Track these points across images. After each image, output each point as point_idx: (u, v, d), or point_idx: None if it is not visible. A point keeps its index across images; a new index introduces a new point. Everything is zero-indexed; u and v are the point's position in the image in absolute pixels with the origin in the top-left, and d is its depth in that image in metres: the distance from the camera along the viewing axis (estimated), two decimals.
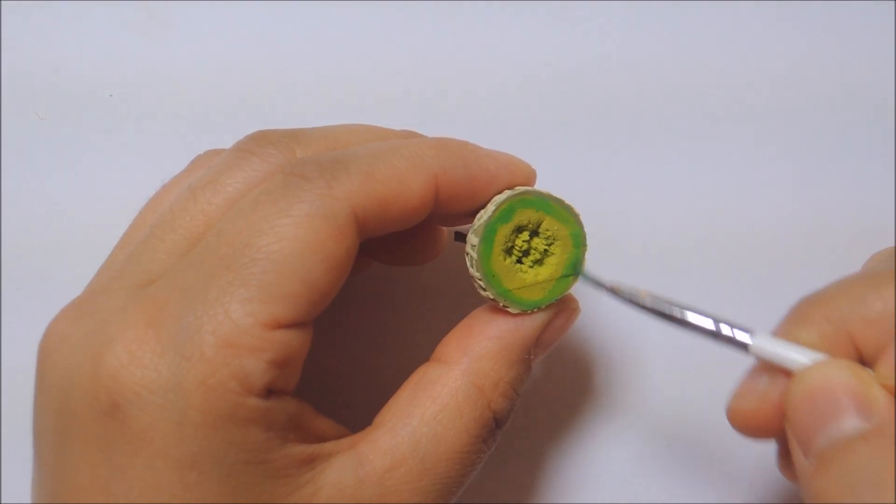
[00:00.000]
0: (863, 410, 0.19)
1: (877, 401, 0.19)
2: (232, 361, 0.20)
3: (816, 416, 0.20)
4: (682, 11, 0.32)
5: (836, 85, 0.32)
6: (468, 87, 0.32)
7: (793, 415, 0.20)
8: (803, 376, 0.21)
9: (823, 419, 0.20)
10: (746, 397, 0.22)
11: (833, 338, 0.21)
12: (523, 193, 0.24)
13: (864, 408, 0.19)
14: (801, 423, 0.20)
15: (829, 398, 0.20)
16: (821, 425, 0.20)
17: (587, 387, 0.31)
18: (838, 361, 0.20)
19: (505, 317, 0.24)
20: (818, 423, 0.20)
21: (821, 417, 0.20)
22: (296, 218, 0.21)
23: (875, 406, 0.19)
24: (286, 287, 0.20)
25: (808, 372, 0.21)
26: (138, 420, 0.20)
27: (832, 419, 0.19)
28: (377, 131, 0.26)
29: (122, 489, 0.20)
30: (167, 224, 0.23)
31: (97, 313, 0.21)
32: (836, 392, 0.20)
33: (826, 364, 0.20)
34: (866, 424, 0.19)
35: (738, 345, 0.22)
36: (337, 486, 0.21)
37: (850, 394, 0.20)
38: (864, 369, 0.20)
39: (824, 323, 0.21)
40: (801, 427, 0.20)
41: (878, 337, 0.21)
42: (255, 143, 0.24)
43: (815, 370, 0.20)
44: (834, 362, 0.20)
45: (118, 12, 0.32)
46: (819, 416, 0.20)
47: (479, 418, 0.23)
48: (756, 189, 0.32)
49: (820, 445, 0.20)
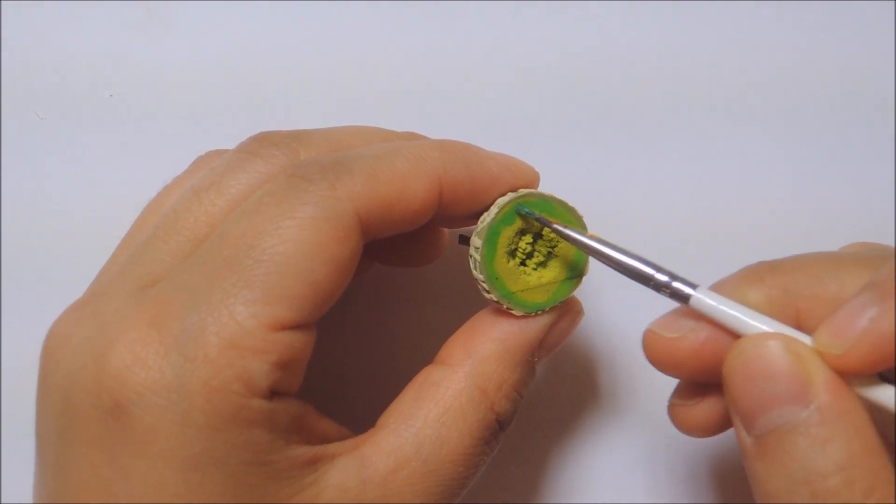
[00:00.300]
0: (801, 394, 0.19)
1: (815, 383, 0.19)
2: (236, 363, 0.20)
3: (756, 398, 0.20)
4: (683, 10, 0.33)
5: (837, 82, 0.32)
6: (469, 85, 0.32)
7: (732, 389, 0.20)
8: (742, 349, 0.20)
9: (763, 403, 0.20)
10: (668, 326, 0.22)
11: (781, 306, 0.22)
12: (526, 195, 0.24)
13: (802, 391, 0.19)
14: (741, 401, 0.20)
15: (770, 380, 0.20)
16: (761, 409, 0.20)
17: (589, 388, 0.31)
18: (777, 335, 0.20)
19: (509, 319, 0.24)
20: (758, 406, 0.20)
21: (760, 401, 0.20)
22: (299, 220, 0.21)
23: (814, 389, 0.19)
24: (290, 289, 0.20)
25: (748, 345, 0.20)
26: (141, 421, 0.20)
27: (772, 405, 0.19)
28: (380, 133, 0.26)
29: (124, 490, 0.20)
30: (170, 225, 0.23)
31: (100, 314, 0.21)
32: (775, 374, 0.20)
33: (765, 338, 0.20)
34: (804, 412, 0.19)
35: (679, 297, 0.22)
36: (340, 488, 0.21)
37: (790, 376, 0.20)
38: (803, 342, 0.20)
39: (776, 289, 0.22)
40: (741, 405, 0.20)
41: (824, 316, 0.21)
42: (258, 144, 0.24)
43: (754, 344, 0.20)
44: (773, 336, 0.20)
45: (118, 12, 0.32)
46: (758, 399, 0.20)
47: (482, 420, 0.23)
48: (757, 185, 0.32)
49: (760, 429, 0.20)
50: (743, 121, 0.32)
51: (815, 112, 0.32)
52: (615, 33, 0.32)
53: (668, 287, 0.22)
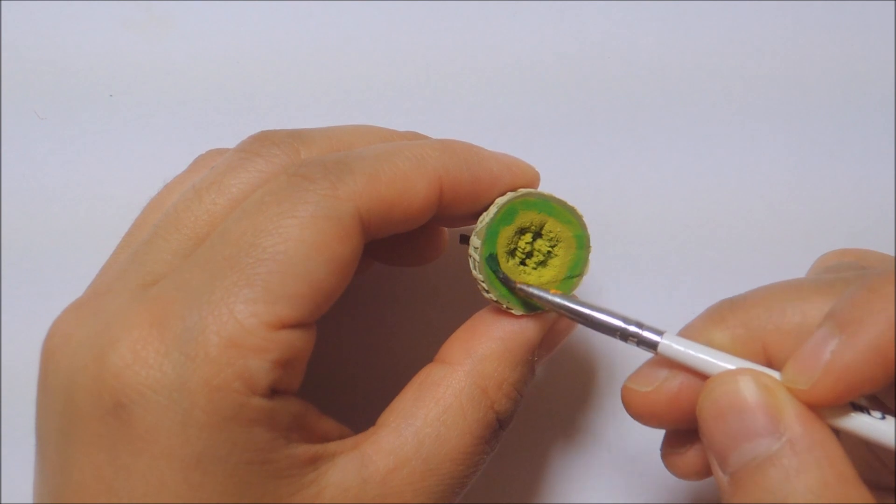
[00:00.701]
0: (772, 428, 0.19)
1: (785, 414, 0.19)
2: (236, 362, 0.20)
3: (728, 434, 0.20)
4: (683, 6, 0.33)
5: (836, 77, 0.32)
6: (469, 84, 0.32)
7: (705, 428, 0.20)
8: (712, 388, 0.21)
9: (735, 439, 0.20)
10: (643, 381, 0.23)
11: (746, 343, 0.22)
12: (525, 195, 0.24)
13: (773, 424, 0.19)
14: (714, 440, 0.20)
15: (738, 415, 0.20)
16: (733, 445, 0.20)
17: (588, 388, 0.31)
18: (745, 371, 0.20)
19: (509, 318, 0.24)
20: (730, 442, 0.20)
21: (732, 437, 0.20)
22: (300, 219, 0.21)
23: (784, 421, 0.19)
24: (291, 288, 0.20)
25: (717, 383, 0.21)
26: (142, 420, 0.20)
27: (743, 439, 0.20)
28: (381, 132, 0.26)
29: (126, 489, 0.20)
30: (171, 224, 0.23)
31: (101, 313, 0.21)
32: (745, 409, 0.20)
33: (734, 375, 0.20)
34: (776, 444, 0.19)
35: (648, 345, 0.22)
36: (340, 487, 0.21)
37: (758, 409, 0.20)
38: (771, 377, 0.20)
39: (740, 327, 0.22)
40: (715, 443, 0.20)
41: (791, 348, 0.21)
42: (259, 143, 0.24)
43: (723, 381, 0.20)
44: (741, 371, 0.20)
45: (118, 12, 0.32)
46: (731, 436, 0.20)
47: (482, 419, 0.23)
48: (757, 181, 0.32)
49: (734, 465, 0.20)
50: (742, 116, 0.32)
51: (814, 107, 0.32)
52: (615, 30, 0.33)
53: (636, 336, 0.22)
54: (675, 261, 0.32)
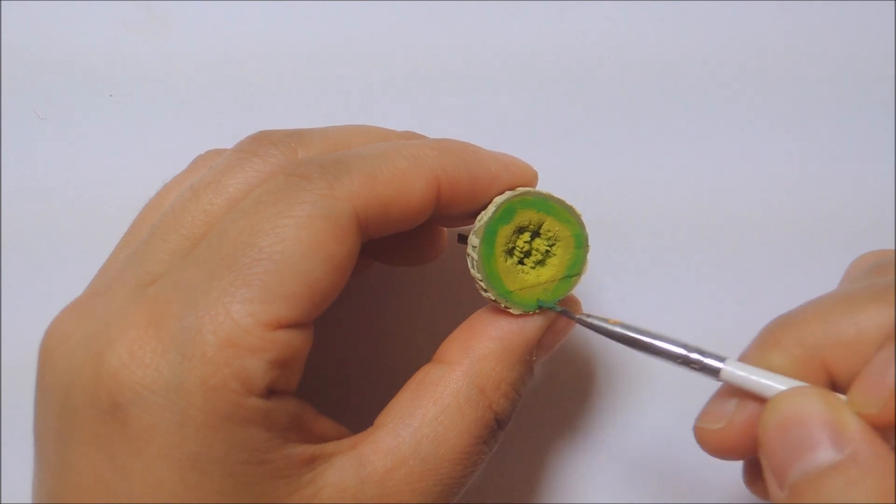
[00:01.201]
0: (835, 441, 0.19)
1: (849, 429, 0.19)
2: (233, 361, 0.20)
3: (789, 447, 0.20)
4: (682, 3, 0.33)
5: (835, 73, 0.32)
6: (468, 80, 0.32)
7: (766, 445, 0.20)
8: (775, 405, 0.20)
9: (796, 451, 0.20)
10: (713, 418, 0.22)
11: (805, 362, 0.21)
12: (524, 194, 0.24)
13: (837, 438, 0.19)
14: (775, 455, 0.20)
15: (801, 429, 0.20)
16: (794, 457, 0.20)
17: (587, 388, 0.31)
18: (809, 388, 0.20)
19: (507, 318, 0.24)
20: (791, 455, 0.20)
21: (794, 449, 0.20)
22: (297, 218, 0.21)
23: (847, 435, 0.19)
24: (288, 287, 0.20)
25: (780, 400, 0.20)
26: (139, 420, 0.20)
27: (805, 451, 0.19)
28: (379, 132, 0.26)
29: (123, 489, 0.20)
30: (169, 224, 0.23)
31: (98, 313, 0.21)
32: (809, 422, 0.20)
33: (797, 392, 0.20)
34: (839, 455, 0.19)
35: (710, 371, 0.22)
36: (338, 487, 0.22)
37: (822, 424, 0.20)
38: (836, 396, 0.20)
39: (796, 347, 0.22)
40: (775, 458, 0.20)
41: (850, 362, 0.21)
42: (256, 143, 0.24)
43: (786, 398, 0.20)
44: (805, 389, 0.20)
45: (118, 11, 0.32)
46: (792, 448, 0.20)
47: (480, 419, 0.23)
48: (756, 178, 0.32)
49: (793, 477, 0.20)
50: (742, 115, 0.32)
51: (815, 105, 0.32)
52: (615, 29, 0.32)
53: (698, 363, 0.22)
54: (675, 259, 0.32)
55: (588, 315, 0.24)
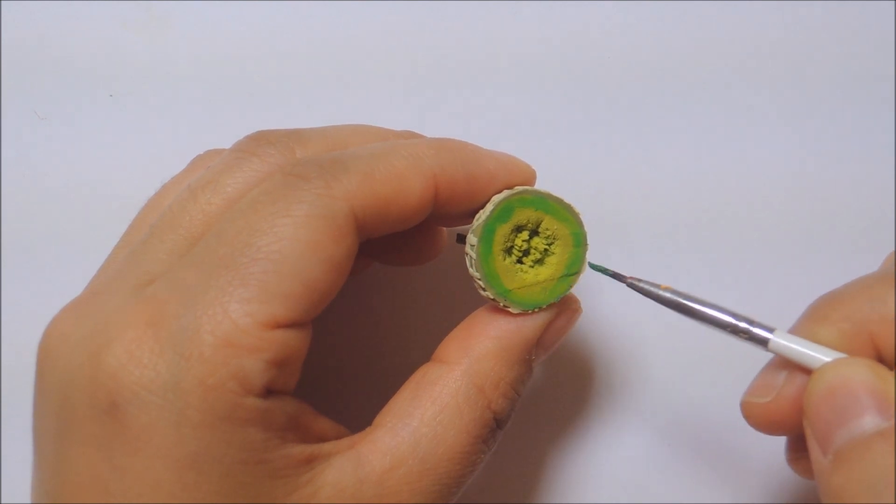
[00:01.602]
0: (882, 409, 0.20)
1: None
2: (231, 361, 0.20)
3: (836, 413, 0.20)
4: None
5: (836, 68, 0.33)
6: (466, 79, 0.32)
7: (812, 411, 0.21)
8: (823, 373, 0.21)
9: (843, 417, 0.20)
10: (762, 391, 0.23)
11: (853, 337, 0.22)
12: (521, 192, 0.24)
13: (884, 406, 0.20)
14: (821, 421, 0.20)
15: (848, 396, 0.20)
16: (840, 423, 0.20)
17: (587, 387, 0.31)
18: (858, 359, 0.21)
19: (506, 317, 0.24)
20: (837, 420, 0.20)
21: (840, 415, 0.20)
22: (295, 218, 0.21)
23: (894, 404, 0.20)
24: (285, 287, 0.21)
25: (828, 369, 0.21)
26: (137, 420, 0.20)
27: (852, 417, 0.20)
28: (377, 132, 0.26)
29: (121, 489, 0.20)
30: (167, 224, 0.23)
31: (97, 313, 0.22)
32: (856, 390, 0.20)
33: (846, 361, 0.21)
34: (885, 423, 0.20)
35: (758, 341, 0.22)
36: (336, 487, 0.22)
37: (869, 392, 0.20)
38: (882, 367, 0.21)
39: (844, 322, 0.22)
40: (821, 424, 0.21)
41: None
42: (254, 143, 0.24)
43: (834, 367, 0.21)
44: (853, 360, 0.21)
45: (118, 11, 0.33)
46: (839, 414, 0.20)
47: (479, 419, 0.23)
48: (757, 170, 0.32)
49: (838, 443, 0.20)
50: (741, 111, 0.32)
51: (815, 101, 0.32)
52: (614, 23, 0.33)
53: (746, 333, 0.23)
54: (675, 257, 0.32)
55: (639, 280, 0.24)
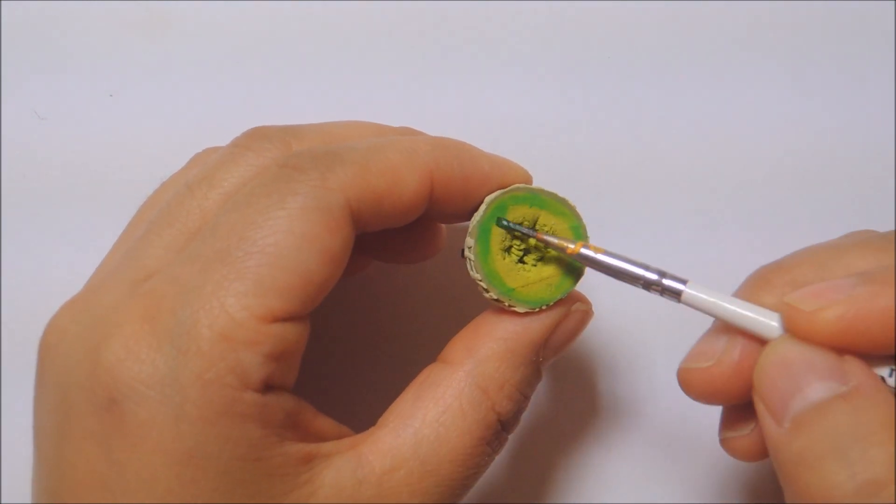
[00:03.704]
0: (840, 374, 0.20)
1: (851, 364, 0.21)
2: (228, 355, 0.21)
3: (791, 381, 0.21)
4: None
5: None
6: (465, 79, 0.33)
7: (765, 383, 0.21)
8: (775, 346, 0.21)
9: (799, 384, 0.20)
10: (701, 358, 0.23)
11: None
12: (514, 190, 0.25)
13: (840, 372, 0.20)
14: (775, 391, 0.21)
15: (804, 364, 0.21)
16: (796, 390, 0.20)
17: (589, 389, 0.32)
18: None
19: (512, 318, 0.25)
20: (794, 387, 0.21)
21: (796, 383, 0.21)
22: (290, 210, 0.21)
23: (850, 370, 0.20)
24: (282, 280, 0.21)
25: (781, 341, 0.21)
26: (135, 415, 0.20)
27: (809, 383, 0.20)
28: (374, 127, 0.27)
29: (119, 484, 0.21)
30: (164, 220, 0.24)
31: (95, 309, 0.22)
32: (812, 358, 0.21)
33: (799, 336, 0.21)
34: (843, 387, 0.20)
35: (671, 294, 0.23)
36: (335, 487, 0.22)
37: (824, 359, 0.21)
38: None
39: (787, 286, 0.23)
40: (775, 394, 0.21)
41: None
42: (250, 138, 0.25)
43: (787, 339, 0.21)
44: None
45: (118, 11, 0.33)
46: (794, 382, 0.21)
47: (482, 420, 0.24)
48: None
49: (795, 409, 0.20)
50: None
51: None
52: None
53: (658, 285, 0.23)
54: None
55: (549, 234, 0.25)
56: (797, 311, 0.21)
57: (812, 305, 0.21)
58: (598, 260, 0.24)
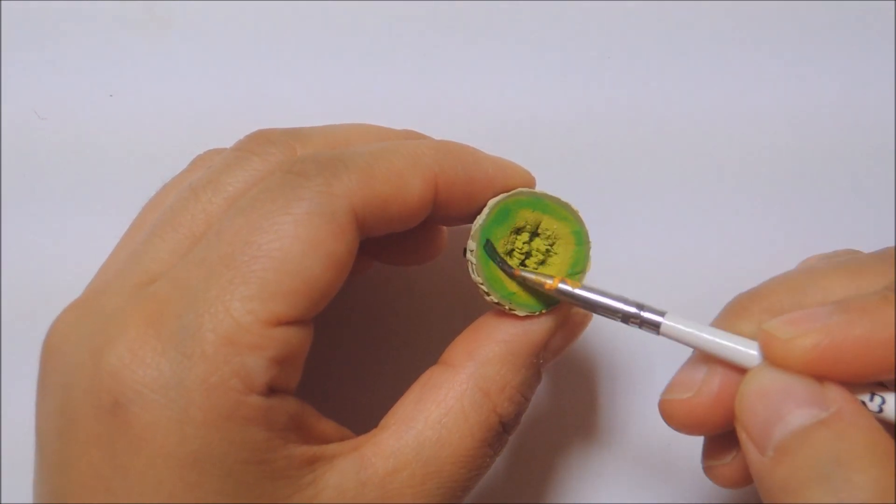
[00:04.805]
0: (819, 400, 0.21)
1: (831, 390, 0.21)
2: (233, 359, 0.21)
3: (772, 409, 0.21)
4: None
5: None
6: (465, 78, 0.33)
7: (746, 412, 0.21)
8: (754, 375, 0.22)
9: (780, 412, 0.21)
10: (681, 388, 0.23)
11: None
12: (517, 194, 0.25)
13: (821, 398, 0.21)
14: (757, 419, 0.21)
15: (783, 392, 0.21)
16: (778, 418, 0.21)
17: (588, 390, 0.32)
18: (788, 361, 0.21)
19: (512, 321, 0.25)
20: (775, 415, 0.21)
21: (777, 410, 0.21)
22: (295, 216, 0.22)
23: (830, 396, 0.21)
24: (286, 284, 0.21)
25: (759, 370, 0.22)
26: (140, 419, 0.21)
27: (790, 411, 0.21)
28: (378, 131, 0.27)
29: (123, 488, 0.21)
30: (168, 223, 0.24)
31: (99, 312, 0.22)
32: (791, 386, 0.21)
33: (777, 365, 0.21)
34: (824, 413, 0.20)
35: (650, 326, 0.23)
36: (338, 489, 0.22)
37: (804, 386, 0.21)
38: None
39: (764, 314, 0.23)
40: (757, 423, 0.21)
41: None
42: (255, 142, 0.25)
43: (765, 368, 0.21)
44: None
45: (118, 11, 0.33)
46: (775, 410, 0.21)
47: (484, 422, 0.24)
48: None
49: (778, 437, 0.21)
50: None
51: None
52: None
53: (637, 318, 0.23)
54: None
55: (527, 270, 0.25)
56: (774, 339, 0.21)
57: (788, 333, 0.21)
58: (575, 294, 0.24)
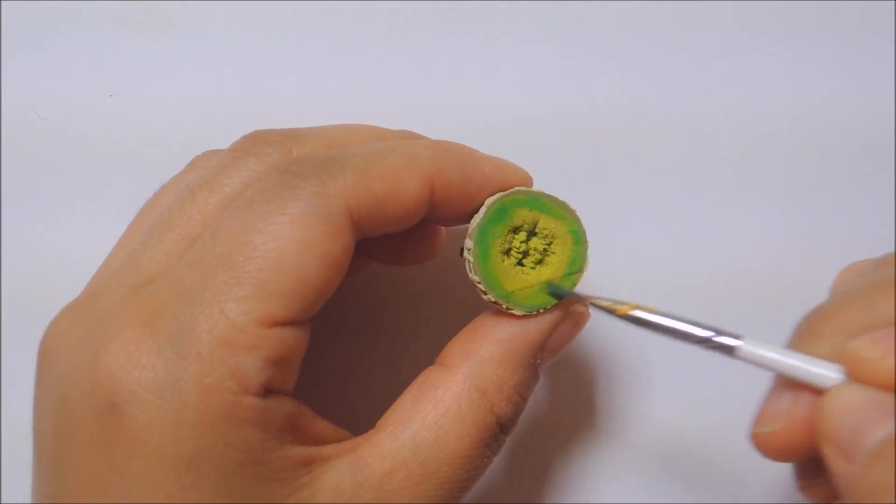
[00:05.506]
0: None
1: None
2: (228, 360, 0.21)
3: (862, 420, 0.20)
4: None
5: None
6: (465, 79, 0.33)
7: (833, 423, 0.21)
8: (836, 391, 0.21)
9: (871, 421, 0.20)
10: (770, 420, 0.23)
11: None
12: (514, 193, 0.25)
13: None
14: (844, 430, 0.20)
15: (874, 404, 0.20)
16: (869, 427, 0.20)
17: (586, 390, 0.32)
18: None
19: (510, 320, 0.25)
20: (864, 425, 0.20)
21: (867, 420, 0.20)
22: (291, 216, 0.22)
23: None
24: (282, 285, 0.21)
25: (841, 387, 0.21)
26: (136, 420, 0.21)
27: (882, 419, 0.20)
28: (375, 131, 0.27)
29: (120, 489, 0.21)
30: (165, 224, 0.24)
31: (95, 313, 0.22)
32: (881, 399, 0.20)
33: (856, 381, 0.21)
34: None
35: (724, 350, 0.22)
36: (334, 490, 0.22)
37: (893, 400, 0.20)
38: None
39: (838, 336, 0.22)
40: (844, 434, 0.20)
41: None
42: (251, 143, 0.25)
43: (846, 385, 0.21)
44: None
45: (118, 11, 0.33)
46: (866, 420, 0.20)
47: (481, 423, 0.24)
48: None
49: (871, 443, 0.20)
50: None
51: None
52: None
53: (711, 343, 0.22)
54: (673, 251, 0.33)
55: (599, 298, 0.24)
56: (862, 360, 0.21)
57: (875, 353, 0.20)
58: (649, 321, 0.23)
